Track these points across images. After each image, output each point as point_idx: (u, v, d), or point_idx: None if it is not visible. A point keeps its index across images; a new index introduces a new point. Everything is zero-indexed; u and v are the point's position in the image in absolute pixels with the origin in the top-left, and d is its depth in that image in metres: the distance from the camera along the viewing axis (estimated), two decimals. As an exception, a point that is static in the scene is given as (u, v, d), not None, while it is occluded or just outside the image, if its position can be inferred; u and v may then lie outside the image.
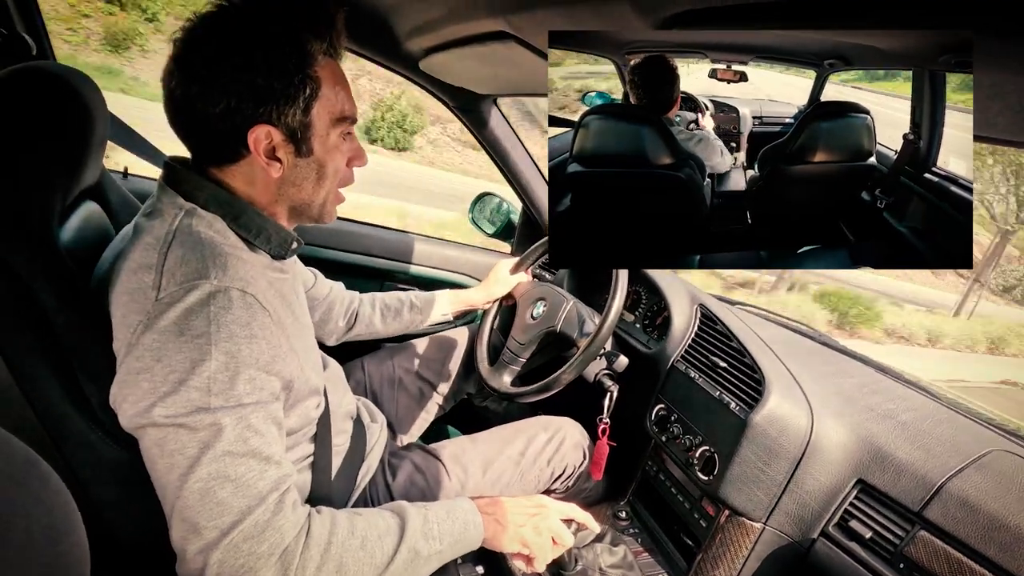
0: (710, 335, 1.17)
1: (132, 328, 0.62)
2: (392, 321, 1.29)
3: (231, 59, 0.65)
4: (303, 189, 0.75)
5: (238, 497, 0.60)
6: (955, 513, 0.78)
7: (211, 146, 0.71)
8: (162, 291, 0.62)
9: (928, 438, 0.91)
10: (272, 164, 0.71)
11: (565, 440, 1.18)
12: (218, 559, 0.59)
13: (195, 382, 0.60)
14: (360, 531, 0.68)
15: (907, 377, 1.19)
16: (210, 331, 0.61)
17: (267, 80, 0.66)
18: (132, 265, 0.66)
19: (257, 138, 0.68)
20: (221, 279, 0.64)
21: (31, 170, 0.68)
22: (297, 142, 0.71)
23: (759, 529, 0.97)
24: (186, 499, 0.60)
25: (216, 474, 0.60)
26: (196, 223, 0.68)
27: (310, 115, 0.70)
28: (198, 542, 0.60)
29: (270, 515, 0.62)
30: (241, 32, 0.65)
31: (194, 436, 0.60)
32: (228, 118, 0.66)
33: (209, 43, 0.65)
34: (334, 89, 0.72)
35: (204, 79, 0.65)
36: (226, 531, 0.59)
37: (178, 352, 0.60)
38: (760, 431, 0.94)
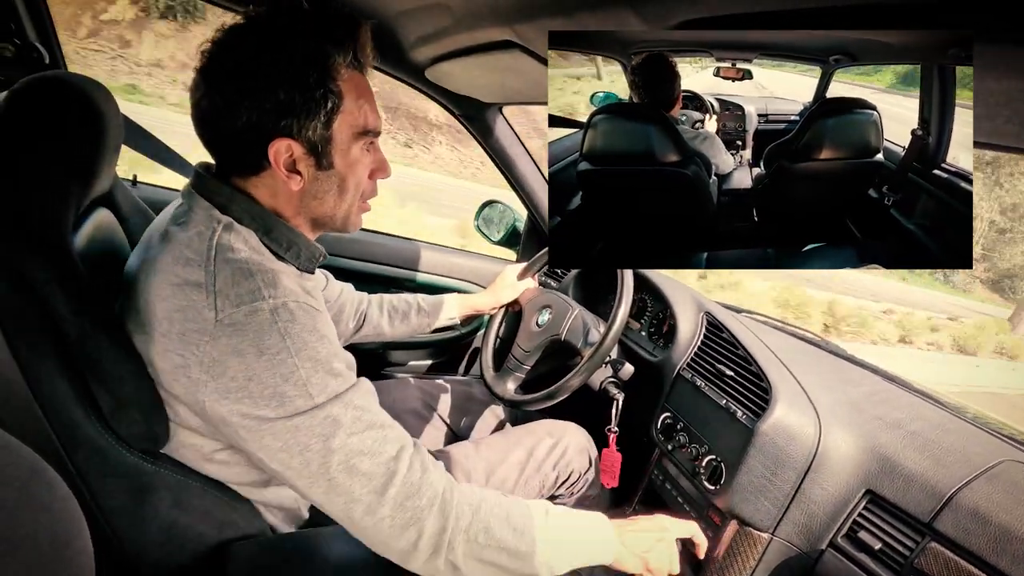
0: (716, 343, 1.17)
1: (196, 345, 0.65)
2: (399, 324, 1.29)
3: (253, 72, 0.66)
4: (324, 202, 0.76)
5: (377, 464, 0.66)
6: (966, 524, 0.77)
7: (234, 157, 0.72)
8: (220, 312, 0.64)
9: (938, 448, 0.90)
10: (292, 177, 0.71)
11: (570, 445, 1.18)
12: (387, 515, 0.66)
13: (293, 391, 0.64)
14: (505, 507, 0.72)
15: (916, 386, 1.18)
16: (286, 345, 0.65)
17: (288, 94, 0.66)
18: (175, 280, 0.67)
19: (277, 151, 0.69)
20: (275, 296, 0.66)
21: (45, 178, 0.69)
22: (318, 156, 0.71)
23: (766, 539, 0.96)
24: (333, 481, 0.65)
25: (350, 454, 0.65)
26: (234, 239, 0.69)
27: (331, 129, 0.71)
28: (360, 507, 0.66)
29: (420, 474, 0.68)
30: (264, 45, 0.66)
31: (313, 431, 0.65)
32: (250, 131, 0.67)
33: (233, 56, 0.67)
34: (357, 102, 0.72)
35: (226, 92, 0.66)
36: (381, 491, 0.66)
37: (265, 371, 0.64)
38: (767, 440, 0.93)
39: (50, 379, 0.68)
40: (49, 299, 0.67)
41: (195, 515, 0.76)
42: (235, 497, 0.79)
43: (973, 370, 10.56)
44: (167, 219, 0.75)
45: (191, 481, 0.76)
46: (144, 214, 0.99)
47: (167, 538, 0.76)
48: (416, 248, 1.81)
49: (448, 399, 1.39)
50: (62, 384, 0.68)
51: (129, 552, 0.76)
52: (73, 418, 0.69)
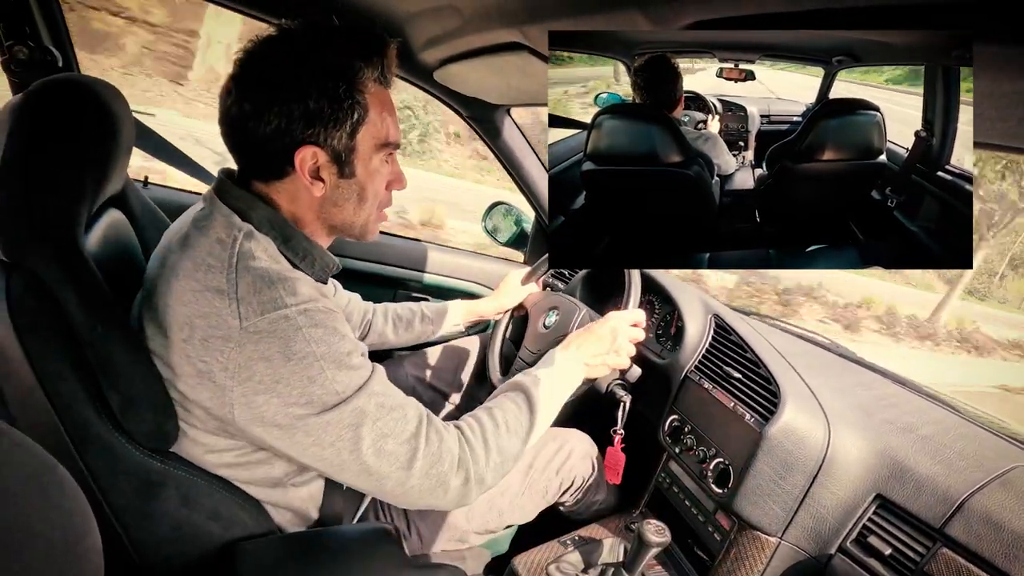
0: (724, 345, 1.16)
1: (220, 351, 0.67)
2: (403, 332, 1.31)
3: (284, 81, 0.68)
4: (344, 209, 0.78)
5: (401, 443, 0.72)
6: (978, 530, 0.77)
7: (259, 162, 0.74)
8: (245, 320, 0.67)
9: (949, 452, 0.89)
10: (315, 184, 0.74)
11: (573, 451, 1.18)
12: (416, 484, 0.73)
13: (320, 390, 0.68)
14: (500, 420, 0.83)
15: (927, 389, 1.17)
16: (311, 349, 0.67)
17: (317, 103, 0.69)
18: (197, 286, 0.69)
19: (303, 158, 0.71)
20: (296, 303, 0.68)
21: (58, 179, 0.70)
22: (341, 164, 0.74)
23: (775, 544, 0.95)
24: (364, 464, 0.71)
25: (377, 437, 0.71)
26: (255, 247, 0.71)
27: (355, 139, 0.73)
28: (390, 482, 0.72)
29: (437, 443, 0.75)
30: (296, 56, 0.68)
31: (342, 423, 0.69)
32: (278, 138, 0.69)
33: (265, 65, 0.69)
34: (381, 115, 0.75)
35: (257, 99, 0.68)
36: (407, 466, 0.72)
37: (293, 375, 0.67)
38: (776, 444, 0.93)
39: (62, 377, 0.69)
40: (61, 298, 0.68)
41: (203, 514, 0.77)
42: (243, 496, 0.80)
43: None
44: (187, 223, 0.76)
45: (200, 480, 0.76)
46: (155, 215, 1.00)
47: (175, 536, 0.77)
48: (424, 249, 1.81)
49: (461, 365, 1.42)
50: (74, 383, 0.69)
51: (137, 549, 0.77)
52: (84, 416, 0.70)
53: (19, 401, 0.70)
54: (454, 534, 1.05)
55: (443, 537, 1.04)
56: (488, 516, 1.07)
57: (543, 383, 0.89)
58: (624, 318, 1.00)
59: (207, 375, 0.68)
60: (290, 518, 0.87)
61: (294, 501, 0.86)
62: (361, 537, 0.87)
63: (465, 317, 1.35)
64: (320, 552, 0.83)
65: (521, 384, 0.89)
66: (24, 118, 0.68)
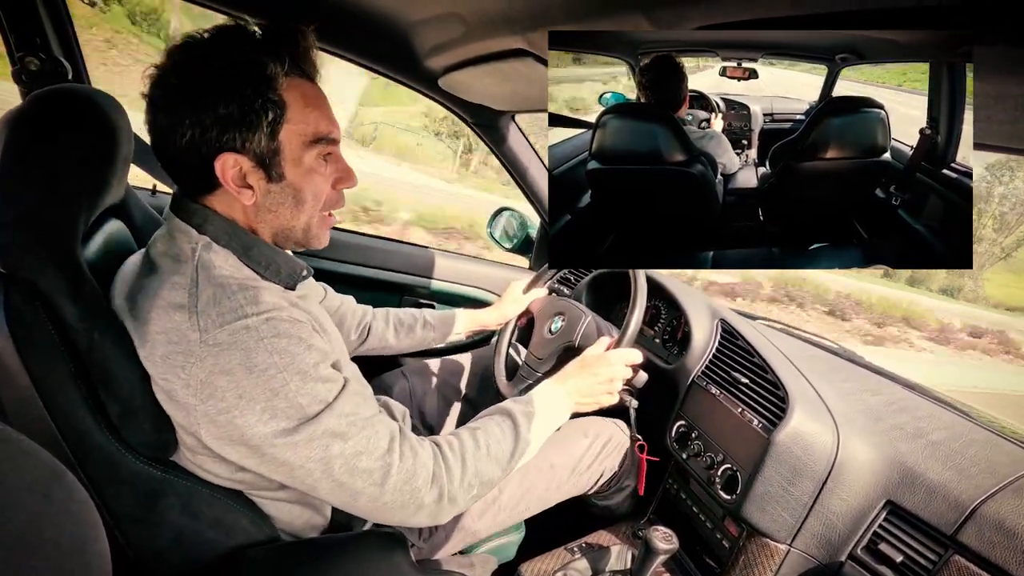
0: (731, 350, 1.15)
1: (181, 367, 0.65)
2: (405, 337, 1.30)
3: (191, 89, 0.66)
4: (280, 215, 0.75)
5: (374, 459, 0.70)
6: (991, 537, 0.75)
7: (186, 176, 0.72)
8: (204, 332, 0.65)
9: (961, 458, 0.88)
10: (243, 191, 0.71)
11: (608, 443, 1.18)
12: (389, 500, 0.72)
13: (284, 404, 0.66)
14: (483, 443, 0.81)
15: (937, 394, 1.16)
16: (274, 361, 0.65)
17: (227, 108, 0.65)
18: (160, 303, 0.68)
19: (224, 166, 0.68)
20: (258, 312, 0.67)
21: (57, 189, 0.70)
22: (266, 168, 0.70)
23: (784, 551, 0.94)
24: (336, 481, 0.69)
25: (349, 457, 0.69)
26: (214, 258, 0.70)
27: (277, 139, 0.69)
28: (363, 498, 0.71)
29: (412, 459, 0.73)
30: (201, 63, 0.66)
31: (312, 444, 0.67)
32: (195, 148, 0.67)
33: (173, 76, 0.67)
34: (303, 111, 0.71)
35: (169, 111, 0.67)
36: (381, 482, 0.71)
37: (255, 387, 0.65)
38: (784, 449, 0.92)
39: (61, 387, 0.69)
40: (59, 308, 0.68)
41: (204, 521, 0.77)
42: (245, 504, 0.79)
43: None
44: (151, 242, 0.76)
45: (200, 488, 0.76)
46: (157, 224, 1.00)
47: (176, 544, 0.77)
48: (430, 255, 1.82)
49: (472, 375, 1.40)
50: (72, 392, 0.69)
51: (140, 558, 0.77)
52: (83, 426, 0.70)
53: (18, 411, 0.70)
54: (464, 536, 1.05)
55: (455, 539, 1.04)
56: (512, 513, 1.07)
57: (532, 416, 0.87)
58: (623, 358, 0.98)
59: (171, 393, 0.67)
60: (296, 525, 0.87)
61: (296, 508, 0.85)
62: (368, 543, 0.87)
63: (467, 327, 1.34)
64: (325, 559, 0.82)
65: (510, 412, 0.87)
66: (22, 128, 0.68)
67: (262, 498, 0.81)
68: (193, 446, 0.73)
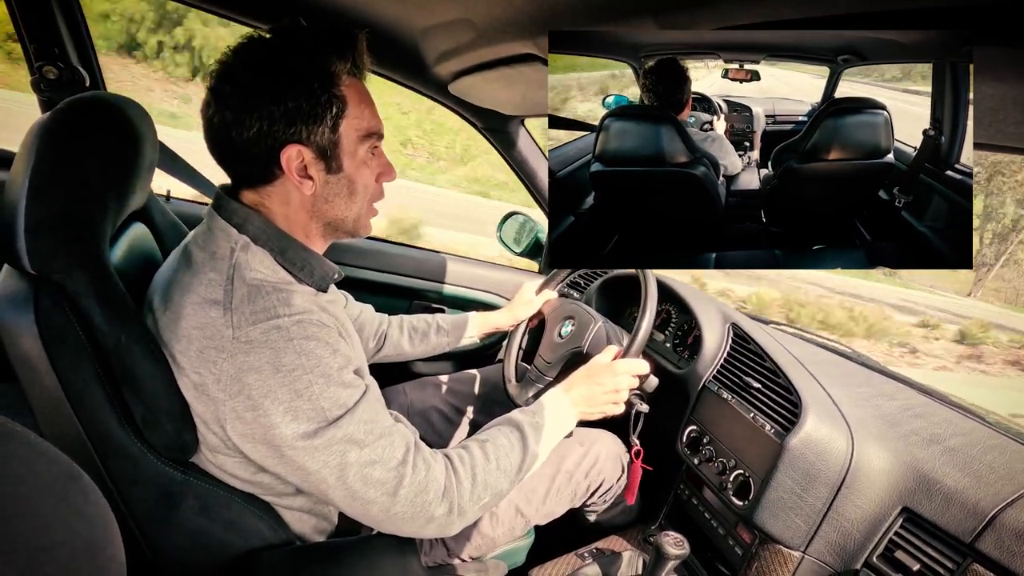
0: (743, 355, 1.14)
1: (214, 362, 0.68)
2: (419, 343, 1.31)
3: (261, 85, 0.69)
4: (335, 205, 0.78)
5: (387, 470, 0.72)
6: (1010, 545, 0.74)
7: (247, 169, 0.75)
8: (237, 329, 0.68)
9: (979, 465, 0.86)
10: (304, 182, 0.74)
11: (601, 454, 1.17)
12: (400, 511, 0.73)
13: (307, 407, 0.68)
14: (492, 456, 0.82)
15: (953, 400, 1.14)
16: (301, 362, 0.68)
17: (296, 102, 0.69)
18: (196, 299, 0.70)
19: (289, 157, 0.72)
20: (290, 313, 0.69)
21: (85, 194, 0.72)
22: (327, 159, 0.74)
23: (798, 558, 0.93)
24: (350, 489, 0.71)
25: (363, 465, 0.71)
26: (252, 259, 0.73)
27: (338, 132, 0.74)
28: (375, 508, 0.73)
29: (424, 472, 0.75)
30: (269, 60, 0.69)
31: (331, 449, 0.69)
32: (261, 140, 0.70)
33: (241, 73, 0.70)
34: (359, 107, 0.75)
35: (237, 106, 0.69)
36: (393, 492, 0.72)
37: (281, 387, 0.67)
38: (797, 455, 0.91)
39: (87, 388, 0.70)
40: (87, 310, 0.70)
41: (221, 523, 0.78)
42: (262, 507, 0.80)
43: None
44: (189, 239, 0.79)
45: (219, 490, 0.77)
46: (178, 228, 1.02)
47: (193, 545, 0.78)
48: (442, 260, 1.82)
49: (472, 394, 1.40)
50: (98, 393, 0.71)
51: (158, 557, 0.78)
52: (108, 426, 0.71)
53: (45, 410, 0.72)
54: (480, 541, 1.05)
55: (471, 544, 1.04)
56: (515, 522, 1.07)
57: (540, 428, 0.88)
58: (630, 369, 0.99)
59: (202, 388, 0.69)
60: (310, 528, 0.87)
61: (313, 511, 0.86)
62: (379, 548, 0.87)
63: (480, 329, 1.35)
64: (337, 563, 0.83)
65: (518, 422, 0.88)
66: (52, 135, 0.70)
67: (276, 502, 0.82)
68: (216, 445, 0.74)
